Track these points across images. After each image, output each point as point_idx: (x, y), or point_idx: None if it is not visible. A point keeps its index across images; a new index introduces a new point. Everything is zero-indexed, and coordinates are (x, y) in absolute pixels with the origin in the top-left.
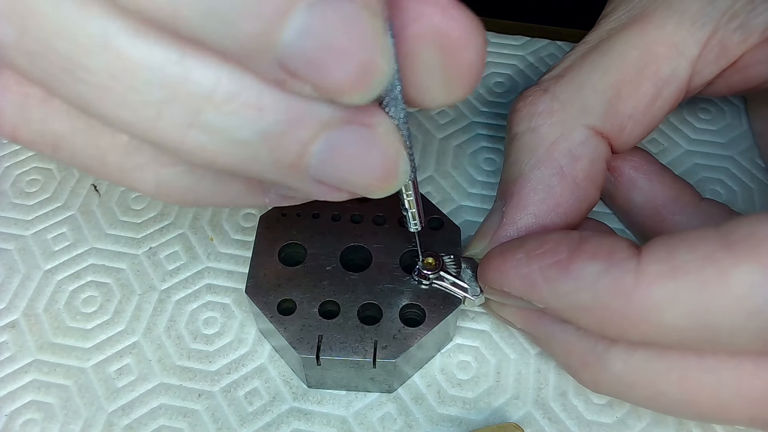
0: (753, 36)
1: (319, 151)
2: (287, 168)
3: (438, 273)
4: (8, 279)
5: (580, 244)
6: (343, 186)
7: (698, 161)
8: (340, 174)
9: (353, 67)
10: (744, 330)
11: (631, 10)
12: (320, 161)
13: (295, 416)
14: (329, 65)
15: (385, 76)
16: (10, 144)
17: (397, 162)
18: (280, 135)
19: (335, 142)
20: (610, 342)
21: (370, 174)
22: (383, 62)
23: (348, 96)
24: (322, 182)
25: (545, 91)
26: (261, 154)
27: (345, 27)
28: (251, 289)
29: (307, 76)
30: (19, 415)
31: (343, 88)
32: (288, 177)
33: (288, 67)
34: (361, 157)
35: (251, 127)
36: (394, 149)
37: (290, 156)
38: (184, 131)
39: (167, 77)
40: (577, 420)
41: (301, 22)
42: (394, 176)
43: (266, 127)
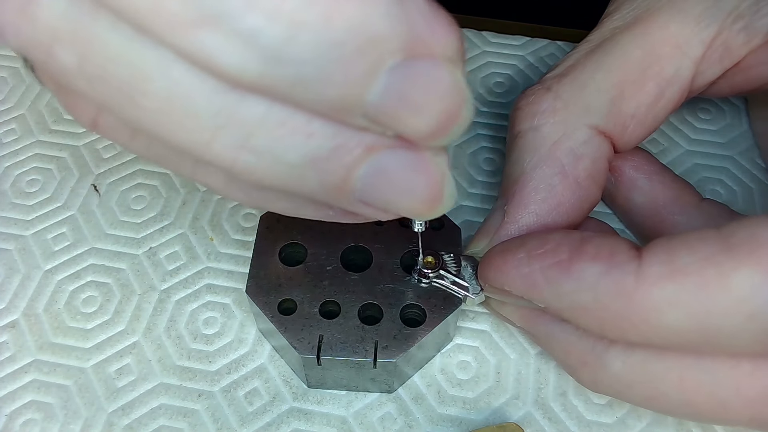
0: (757, 37)
1: (364, 174)
2: (333, 190)
3: (438, 272)
4: (8, 279)
5: (581, 244)
6: (388, 209)
7: (698, 161)
8: (385, 197)
9: (436, 117)
10: (744, 332)
11: (635, 10)
12: (365, 184)
13: (295, 416)
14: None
15: (465, 121)
16: (11, 144)
17: (442, 186)
18: (326, 159)
19: (380, 166)
20: (610, 342)
21: (415, 198)
22: (464, 109)
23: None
24: (368, 204)
25: (548, 89)
26: (308, 177)
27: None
28: (251, 289)
29: (392, 126)
30: (19, 415)
31: (425, 137)
32: (334, 198)
33: (374, 119)
34: (406, 181)
35: (298, 152)
36: (439, 173)
37: (336, 179)
38: (235, 153)
39: (221, 105)
40: (577, 420)
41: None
42: (439, 200)
43: (313, 151)
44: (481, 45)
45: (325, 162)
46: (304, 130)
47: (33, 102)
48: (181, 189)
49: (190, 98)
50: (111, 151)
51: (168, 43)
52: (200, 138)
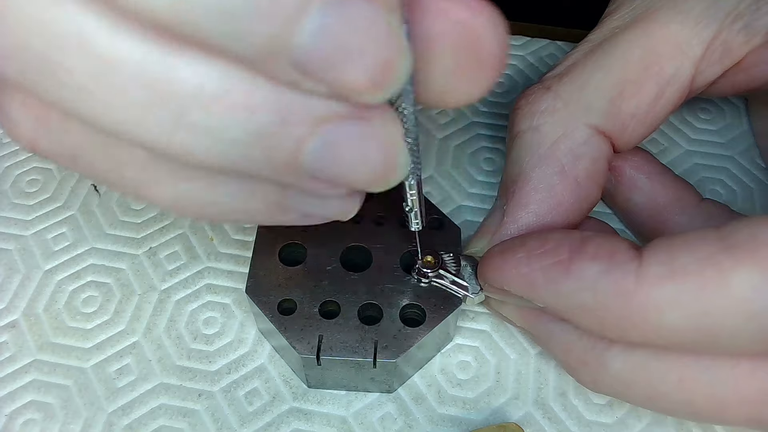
0: (757, 37)
1: (314, 148)
2: (282, 166)
3: (437, 271)
4: (8, 279)
5: (581, 244)
6: (340, 183)
7: (698, 161)
8: (336, 170)
9: (371, 66)
10: (743, 332)
11: (635, 9)
12: (316, 158)
13: (295, 416)
14: (346, 65)
15: (402, 75)
16: (10, 144)
17: (395, 155)
18: (272, 134)
19: (331, 137)
20: (610, 342)
21: (368, 169)
22: (401, 61)
23: (364, 95)
24: (318, 179)
25: (548, 89)
26: (253, 154)
27: (363, 25)
28: (251, 289)
29: (323, 76)
30: (19, 415)
31: (361, 87)
32: (283, 175)
33: (303, 68)
34: (357, 151)
35: (241, 128)
36: (392, 142)
37: (284, 154)
38: (171, 132)
39: (150, 76)
40: (577, 420)
41: (317, 22)
42: (393, 170)
43: (258, 126)
44: None
45: (271, 138)
46: (245, 102)
47: None
48: None
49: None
50: None
51: None
52: (129, 116)
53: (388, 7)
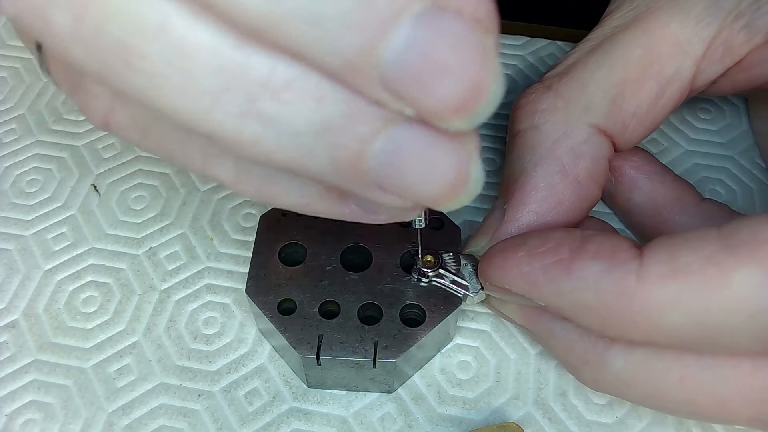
0: (758, 36)
1: (380, 150)
2: (346, 168)
3: (437, 270)
4: (8, 279)
5: (582, 243)
6: (406, 194)
7: (698, 161)
8: (403, 179)
9: (461, 88)
10: (745, 331)
11: (635, 8)
12: (381, 163)
13: (295, 416)
14: (435, 84)
15: (494, 100)
16: (10, 144)
17: (468, 168)
18: (338, 129)
19: (398, 141)
20: (610, 341)
21: (437, 181)
22: (494, 85)
23: (452, 121)
24: (384, 188)
25: (548, 88)
26: (318, 151)
27: (454, 43)
28: (251, 289)
29: (410, 96)
30: (19, 415)
31: (448, 112)
32: (348, 180)
33: (390, 86)
34: (426, 159)
35: (307, 119)
36: (466, 153)
37: (349, 154)
38: (239, 122)
39: (223, 63)
40: (577, 420)
41: (406, 35)
42: (464, 185)
43: (323, 119)
44: None
45: (337, 133)
46: (314, 93)
47: (33, 102)
48: (181, 189)
49: (190, 57)
50: (111, 151)
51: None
52: (201, 104)
53: (482, 24)
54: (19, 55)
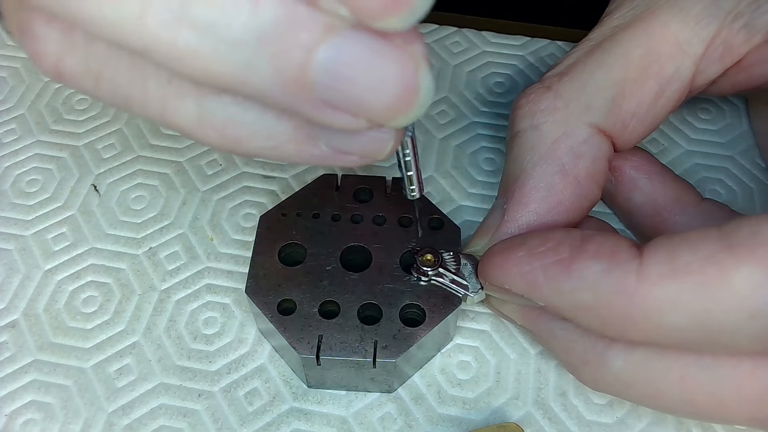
0: (757, 35)
1: (324, 59)
2: (291, 82)
3: (437, 269)
4: (8, 279)
5: (582, 243)
6: (356, 108)
7: (698, 161)
8: (350, 91)
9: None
10: (745, 330)
11: (635, 8)
12: (326, 74)
13: (295, 416)
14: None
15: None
16: (10, 144)
17: (417, 75)
18: (279, 36)
19: (342, 49)
20: (610, 340)
21: (385, 91)
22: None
23: (387, 19)
24: (332, 105)
25: (548, 88)
26: (258, 61)
27: None
28: (251, 289)
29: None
30: (19, 415)
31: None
32: (294, 97)
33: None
34: (373, 68)
35: (244, 25)
36: (413, 61)
37: (292, 66)
38: (173, 30)
39: None
40: (577, 420)
41: None
42: (414, 94)
43: (262, 24)
44: (481, 45)
45: (277, 41)
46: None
47: (33, 102)
48: (181, 189)
49: None
50: (111, 151)
51: None
52: (130, 10)
53: None
54: (19, 55)
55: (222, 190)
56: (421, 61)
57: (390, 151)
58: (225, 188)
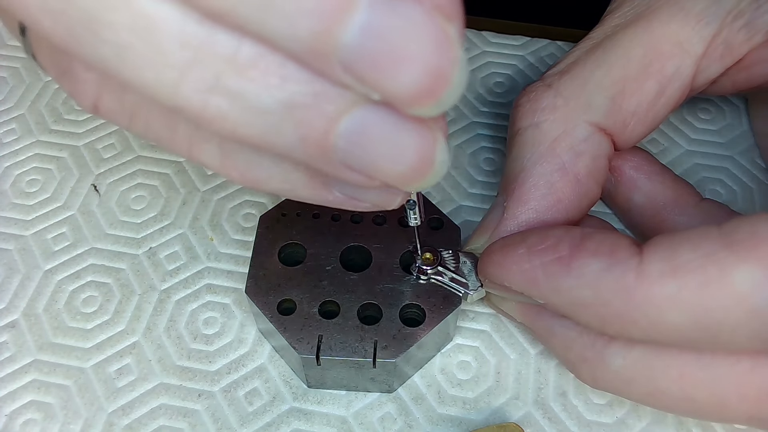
0: (758, 35)
1: (346, 129)
2: (312, 145)
3: (436, 268)
4: (8, 279)
5: (582, 240)
6: (373, 174)
7: (698, 161)
8: (368, 158)
9: (422, 74)
10: (744, 329)
11: (636, 7)
12: (347, 141)
13: (295, 416)
14: (394, 70)
15: (457, 87)
16: (10, 144)
17: (433, 149)
18: (305, 107)
19: (363, 120)
20: (610, 338)
21: (401, 162)
22: (456, 72)
23: (417, 108)
24: (351, 168)
25: (549, 86)
26: (284, 128)
27: (412, 27)
28: (251, 289)
29: (372, 81)
30: (19, 415)
31: (411, 97)
32: (314, 157)
33: (351, 70)
34: (392, 141)
35: (273, 96)
36: (431, 135)
37: (315, 132)
38: (205, 96)
39: (189, 38)
40: (577, 420)
41: (362, 19)
42: (429, 167)
43: (289, 97)
44: (481, 45)
45: (303, 111)
46: (279, 71)
47: (33, 102)
48: (181, 189)
49: (156, 29)
50: (111, 151)
51: None
52: (168, 77)
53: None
54: (19, 55)
55: (222, 190)
56: (438, 135)
57: (399, 203)
58: (225, 188)
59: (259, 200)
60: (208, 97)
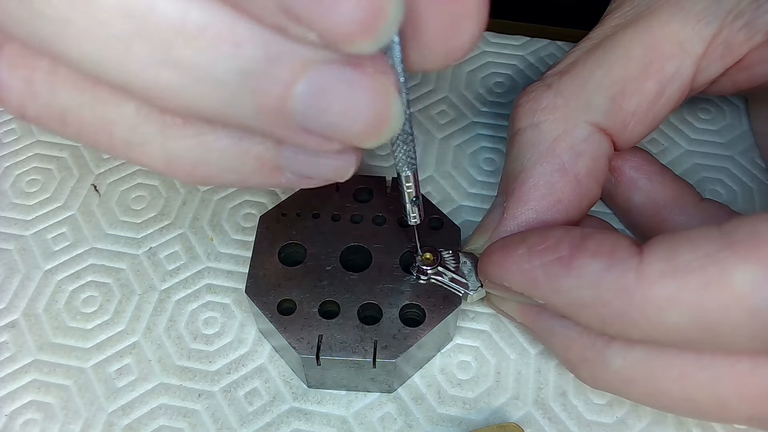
0: (758, 35)
1: (303, 92)
2: (271, 114)
3: (436, 268)
4: (8, 279)
5: (582, 240)
6: (332, 134)
7: (698, 161)
8: (326, 118)
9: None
10: (744, 329)
11: (636, 7)
12: (305, 105)
13: (295, 416)
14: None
15: (392, 22)
16: (10, 144)
17: (387, 104)
18: (260, 74)
19: (320, 81)
20: (610, 338)
21: (359, 118)
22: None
23: (355, 44)
24: (309, 131)
25: (549, 86)
26: (241, 97)
27: None
28: (251, 289)
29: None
30: (19, 415)
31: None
32: (273, 125)
33: (288, 8)
34: (348, 98)
35: (227, 65)
36: (384, 90)
37: (272, 99)
38: (155, 70)
39: (131, 6)
40: (577, 420)
41: None
42: (386, 120)
43: (243, 64)
44: (481, 45)
45: (258, 78)
46: (230, 38)
47: None
48: (181, 189)
49: None
50: None
51: None
52: (112, 51)
53: None
54: None
55: (222, 190)
56: (391, 88)
57: (350, 174)
58: (225, 188)
59: (259, 200)
60: (156, 70)
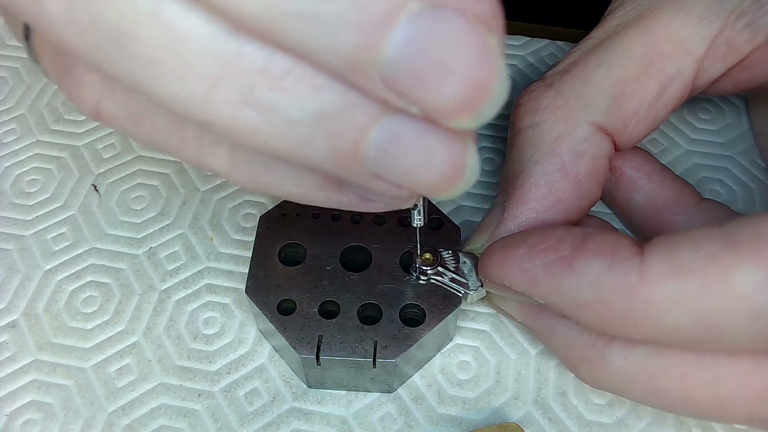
0: (760, 35)
1: (376, 138)
2: (343, 156)
3: (436, 268)
4: (8, 279)
5: (583, 240)
6: (403, 183)
7: (698, 161)
8: (399, 168)
9: (463, 87)
10: (745, 329)
11: (637, 7)
12: (378, 151)
13: (295, 416)
14: (436, 83)
15: (498, 99)
16: (10, 144)
17: (464, 158)
18: (335, 118)
19: (394, 129)
20: (610, 338)
21: (432, 170)
22: (498, 84)
23: (456, 120)
24: (381, 177)
25: (549, 86)
26: (315, 139)
27: (454, 40)
28: (251, 289)
29: (412, 95)
30: (19, 415)
31: (452, 110)
32: (344, 168)
33: (392, 84)
34: (422, 149)
35: (305, 107)
36: (461, 143)
37: (346, 143)
38: (236, 109)
39: (219, 50)
40: (577, 420)
41: (404, 33)
42: (459, 175)
43: (320, 107)
44: None
45: (334, 121)
46: (311, 82)
47: (33, 102)
48: (181, 189)
49: (185, 42)
50: (111, 151)
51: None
52: (197, 90)
53: (486, 26)
54: (19, 55)
55: (222, 190)
56: (469, 143)
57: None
58: (225, 188)
59: (259, 200)
60: (238, 110)
